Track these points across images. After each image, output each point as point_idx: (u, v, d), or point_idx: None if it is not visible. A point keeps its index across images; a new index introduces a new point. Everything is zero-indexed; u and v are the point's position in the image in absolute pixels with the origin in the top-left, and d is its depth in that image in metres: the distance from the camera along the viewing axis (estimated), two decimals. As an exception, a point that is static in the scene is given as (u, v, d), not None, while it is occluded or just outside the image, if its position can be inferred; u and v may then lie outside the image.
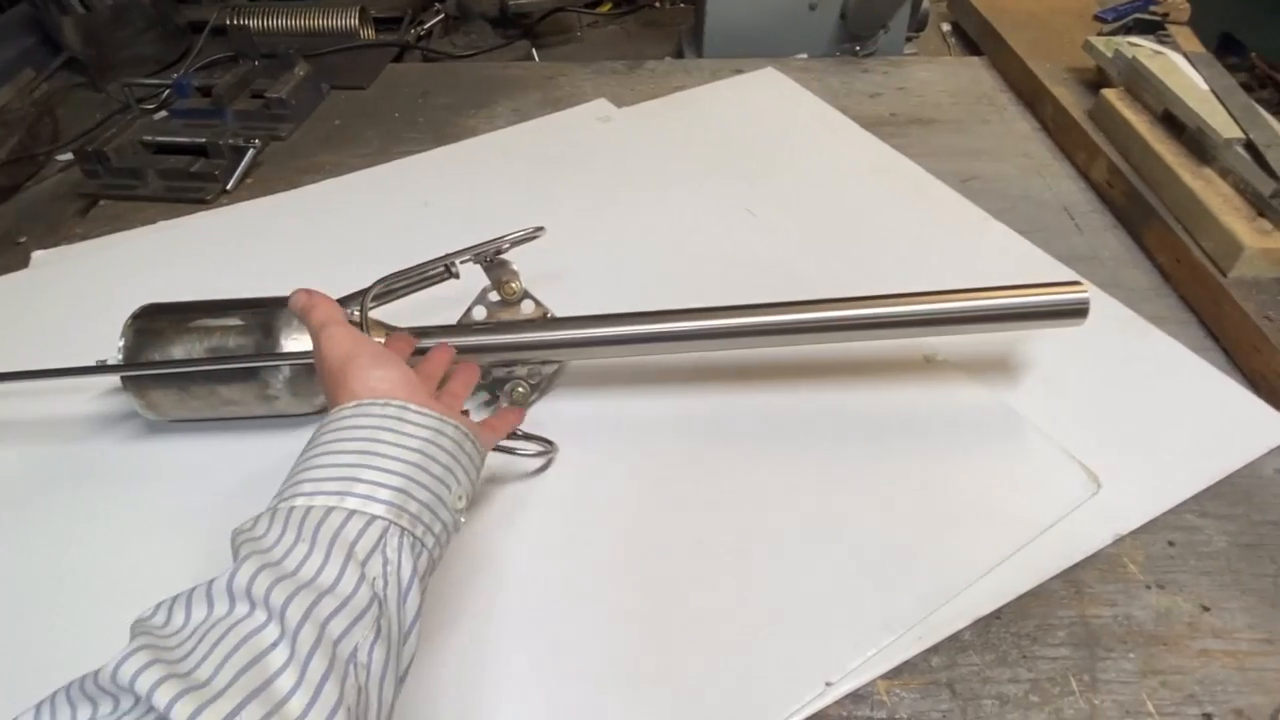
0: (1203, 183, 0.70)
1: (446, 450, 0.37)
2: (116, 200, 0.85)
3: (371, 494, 0.33)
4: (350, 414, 0.37)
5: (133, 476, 0.55)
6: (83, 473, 0.56)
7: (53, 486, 0.55)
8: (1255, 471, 0.55)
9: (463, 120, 0.97)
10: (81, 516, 0.53)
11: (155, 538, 0.51)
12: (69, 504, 0.54)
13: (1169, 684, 0.44)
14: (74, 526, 0.52)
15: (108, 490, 0.54)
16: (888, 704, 0.43)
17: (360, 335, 0.42)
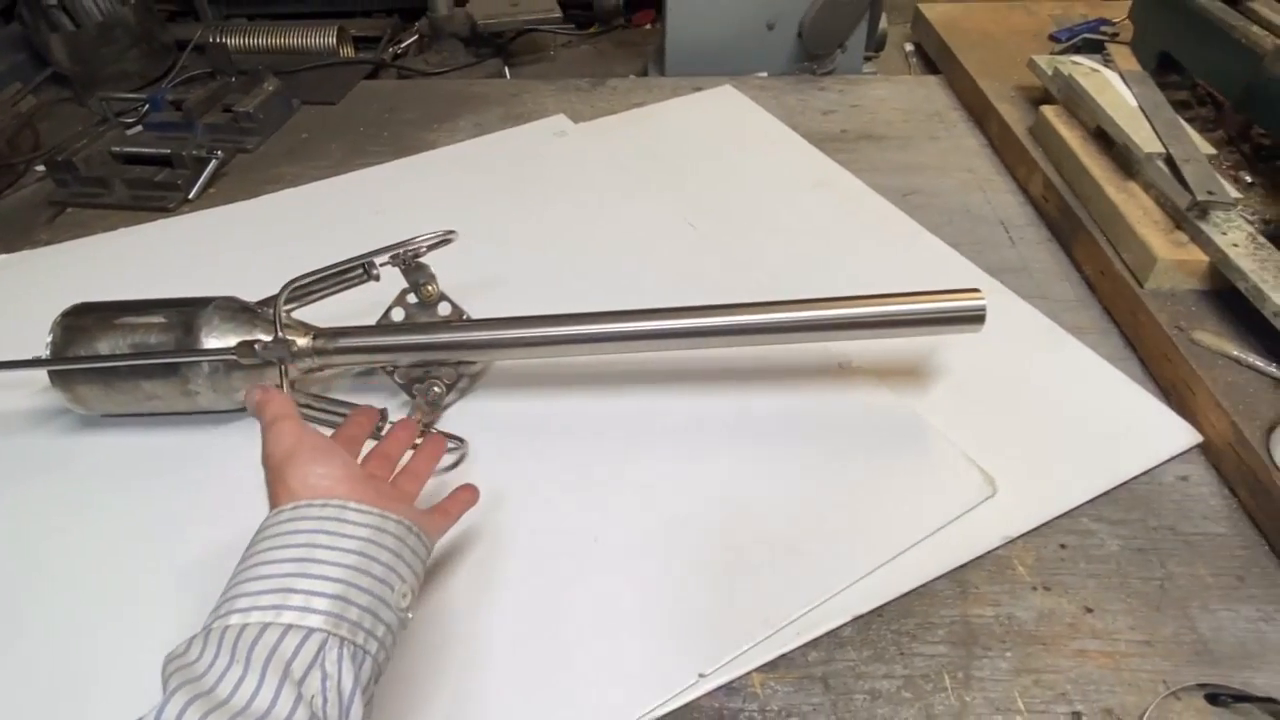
0: (1126, 196, 0.71)
1: (388, 548, 0.36)
2: (83, 208, 0.88)
3: (308, 604, 0.32)
4: (288, 517, 0.36)
5: (64, 469, 0.57)
6: (14, 465, 0.58)
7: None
8: (1155, 478, 0.55)
9: (425, 134, 1.00)
10: (12, 507, 0.55)
11: (85, 529, 0.53)
12: (3, 495, 0.56)
13: (1042, 682, 0.45)
14: (10, 515, 0.54)
15: (39, 482, 0.56)
16: (760, 696, 0.44)
17: (305, 430, 0.40)
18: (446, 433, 0.56)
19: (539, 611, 0.47)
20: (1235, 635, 0.47)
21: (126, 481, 0.56)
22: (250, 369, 0.55)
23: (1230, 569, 0.50)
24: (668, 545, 0.51)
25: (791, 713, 0.44)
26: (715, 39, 1.09)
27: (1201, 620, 0.47)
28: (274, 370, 0.55)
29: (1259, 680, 0.44)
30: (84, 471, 0.57)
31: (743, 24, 1.08)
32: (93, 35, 1.16)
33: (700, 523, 0.52)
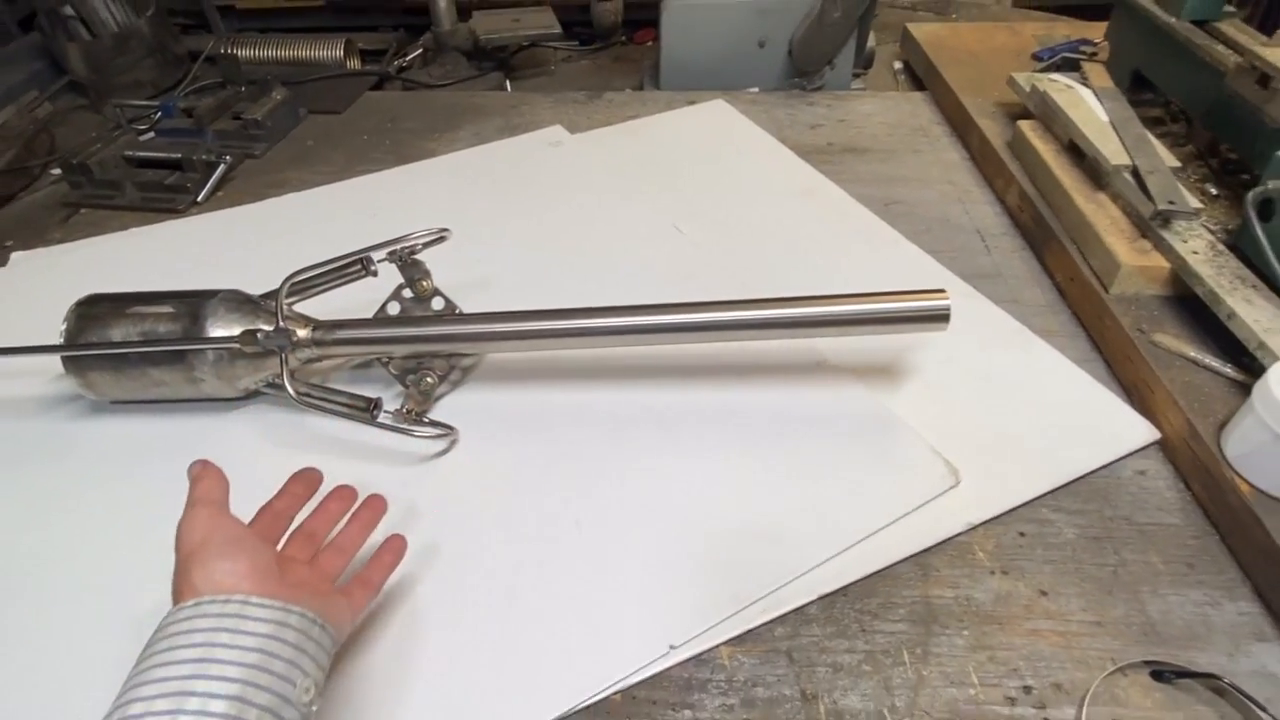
0: (1095, 206, 0.74)
1: (290, 643, 0.35)
2: (96, 209, 0.92)
3: (205, 708, 0.31)
4: (188, 614, 0.35)
5: (72, 453, 0.60)
6: (25, 448, 0.61)
7: (5, 454, 0.60)
8: (1114, 472, 0.58)
9: (425, 143, 1.03)
10: (22, 489, 0.58)
11: (91, 510, 0.56)
12: (15, 477, 0.58)
13: (996, 658, 0.47)
14: (19, 497, 0.57)
15: (49, 465, 0.59)
16: (728, 668, 0.47)
17: (221, 519, 0.40)
18: (437, 421, 0.59)
19: (520, 587, 0.50)
20: (1182, 618, 0.49)
21: (132, 466, 0.59)
22: (252, 357, 0.58)
23: (1181, 557, 0.52)
24: (644, 528, 0.53)
25: (757, 683, 0.46)
26: (708, 55, 1.13)
27: (1151, 604, 0.50)
28: (274, 359, 0.58)
29: (1202, 659, 0.46)
30: (92, 455, 0.60)
31: (735, 41, 1.12)
32: (109, 45, 1.21)
33: (676, 507, 0.54)
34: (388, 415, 0.60)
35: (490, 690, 0.45)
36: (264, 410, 0.63)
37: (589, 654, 0.46)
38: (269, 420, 0.62)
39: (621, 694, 0.45)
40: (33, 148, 1.04)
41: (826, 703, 0.45)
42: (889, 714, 0.45)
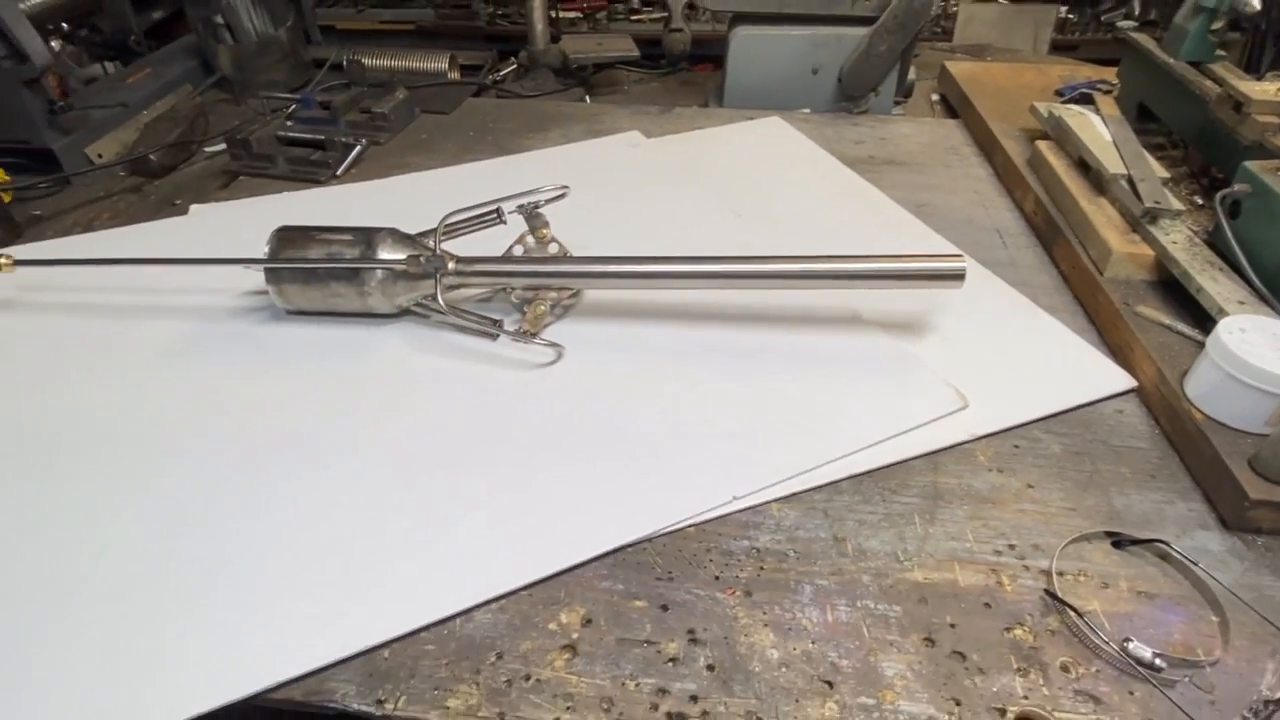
0: (1095, 208, 0.88)
1: None
2: (252, 177, 1.10)
3: None
4: None
5: (263, 347, 0.77)
6: (223, 343, 0.77)
7: (211, 348, 0.77)
8: (1097, 409, 0.71)
9: (521, 140, 1.21)
10: (222, 373, 0.74)
11: (277, 387, 0.72)
12: (219, 362, 0.75)
13: (988, 526, 0.60)
14: (225, 374, 0.73)
15: (242, 356, 0.76)
16: (776, 517, 0.60)
17: None
18: (550, 341, 0.74)
19: (615, 448, 0.64)
20: (1141, 510, 0.61)
21: (307, 360, 0.75)
22: (411, 278, 0.74)
23: (1146, 470, 0.65)
24: (714, 412, 0.68)
25: (799, 528, 0.60)
26: (767, 79, 1.30)
27: (1117, 500, 0.62)
28: (427, 281, 0.74)
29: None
30: (276, 350, 0.76)
31: (791, 68, 1.28)
32: (253, 49, 1.42)
33: (740, 403, 0.69)
34: (507, 334, 0.75)
35: (600, 513, 0.59)
36: (409, 326, 0.79)
37: (670, 495, 0.60)
38: (413, 333, 0.78)
39: (695, 526, 0.59)
40: (194, 128, 1.23)
41: (853, 544, 0.58)
42: (900, 555, 0.58)
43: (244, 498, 0.61)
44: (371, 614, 0.52)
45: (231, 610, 0.53)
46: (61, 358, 0.75)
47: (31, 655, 0.50)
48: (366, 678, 0.50)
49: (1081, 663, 0.51)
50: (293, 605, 0.53)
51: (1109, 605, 0.54)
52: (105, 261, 0.78)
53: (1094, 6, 2.30)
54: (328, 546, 0.57)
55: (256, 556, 0.56)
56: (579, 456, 0.64)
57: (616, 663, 0.51)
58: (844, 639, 0.52)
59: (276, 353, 0.76)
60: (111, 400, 0.70)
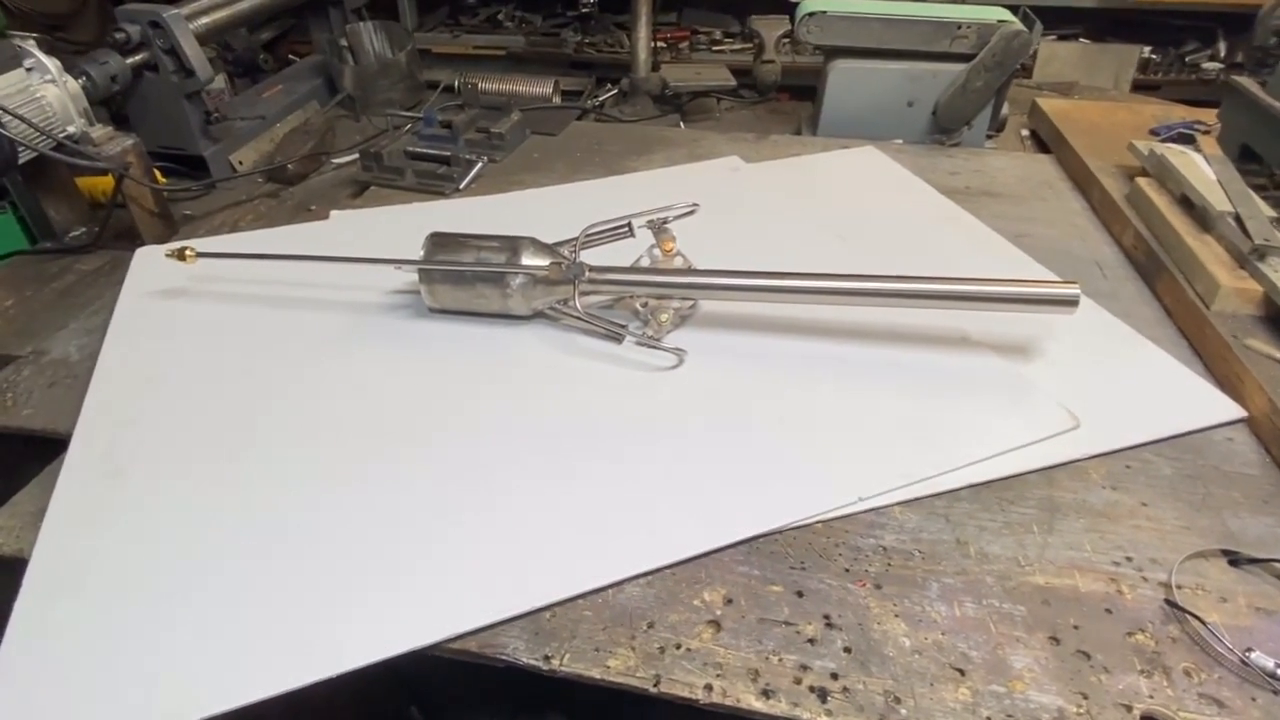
0: (1201, 244, 0.90)
1: None
2: (382, 187, 1.19)
3: None
4: None
5: (407, 341, 0.84)
6: (373, 336, 0.85)
7: (363, 340, 0.84)
8: (1207, 437, 0.73)
9: (627, 162, 1.28)
10: (372, 362, 0.81)
11: (432, 376, 0.79)
12: (374, 351, 0.82)
13: (1105, 539, 0.63)
14: (379, 363, 0.81)
15: (391, 347, 0.83)
16: (899, 520, 0.64)
17: None
18: (674, 347, 0.79)
19: (740, 451, 0.69)
20: (1255, 532, 0.63)
21: (451, 354, 0.82)
22: (549, 283, 0.80)
23: (1259, 495, 0.67)
24: (834, 418, 0.72)
25: (922, 530, 0.63)
26: (862, 110, 1.35)
27: (1231, 522, 0.64)
28: (562, 286, 0.81)
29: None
30: (422, 343, 0.83)
31: (887, 100, 1.33)
32: (373, 70, 1.53)
33: (859, 411, 0.73)
34: (633, 338, 0.81)
35: (735, 503, 0.64)
36: (541, 327, 0.86)
37: (799, 492, 0.65)
38: (545, 334, 0.85)
39: (822, 523, 0.63)
40: (324, 141, 1.34)
41: (975, 547, 0.62)
42: (1021, 560, 0.61)
43: (414, 472, 0.68)
44: (537, 579, 0.58)
45: (416, 567, 0.59)
46: (234, 342, 0.84)
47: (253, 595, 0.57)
48: (534, 635, 0.55)
49: (1203, 669, 0.53)
50: (465, 568, 0.59)
51: (1228, 619, 0.57)
52: (277, 257, 0.86)
53: (1178, 47, 2.30)
54: (491, 516, 0.63)
55: (429, 523, 0.63)
56: (710, 451, 0.69)
57: (759, 639, 0.55)
58: (972, 632, 0.56)
59: (426, 346, 0.83)
60: (285, 383, 0.78)
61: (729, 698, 0.51)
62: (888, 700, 0.51)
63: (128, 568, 0.59)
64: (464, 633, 0.54)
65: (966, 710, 0.51)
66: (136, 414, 0.74)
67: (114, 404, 0.75)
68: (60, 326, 0.92)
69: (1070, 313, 0.75)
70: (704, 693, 0.52)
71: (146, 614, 0.56)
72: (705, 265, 0.94)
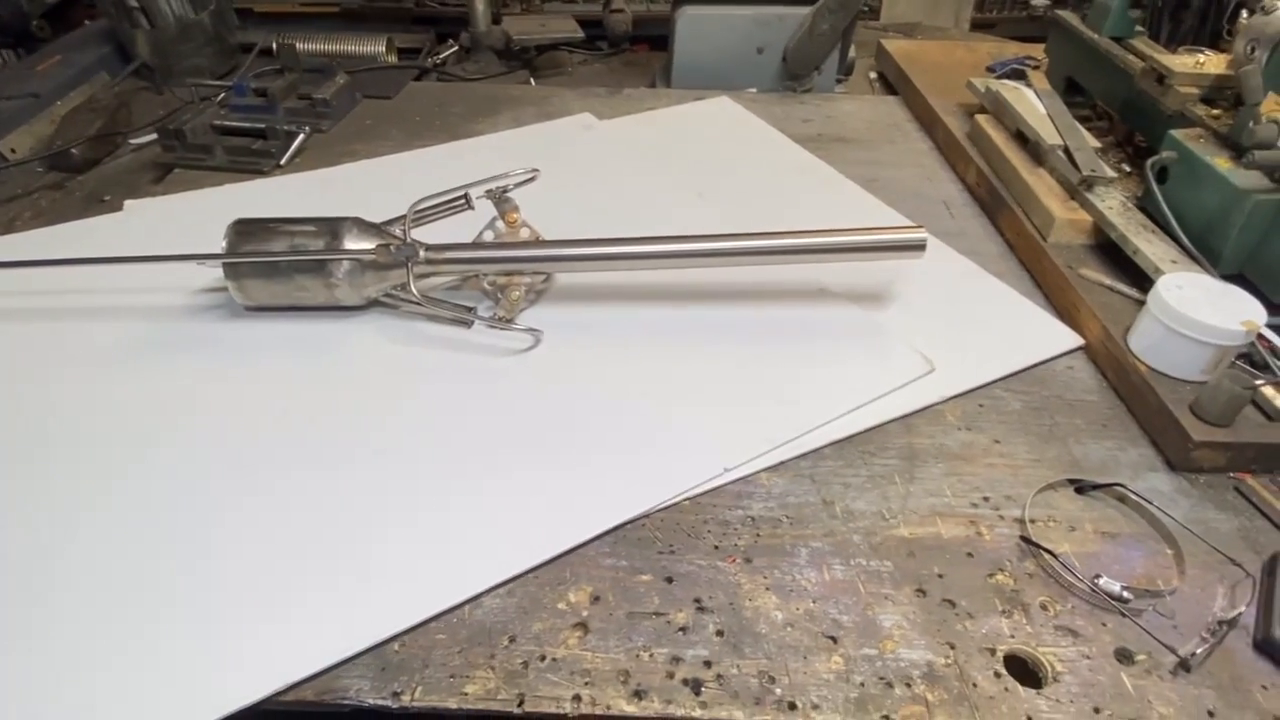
0: (1036, 178, 0.92)
1: None
2: (188, 169, 1.05)
3: None
4: None
5: (221, 347, 0.74)
6: (176, 343, 0.74)
7: (170, 348, 0.73)
8: (1049, 368, 0.75)
9: (471, 125, 1.18)
10: (175, 375, 0.71)
11: (247, 385, 0.69)
12: (174, 364, 0.72)
13: (963, 480, 0.64)
14: (180, 379, 0.70)
15: (196, 356, 0.73)
16: (766, 485, 0.62)
17: None
18: (529, 326, 0.74)
19: (599, 427, 0.65)
20: (1098, 458, 0.66)
21: (272, 358, 0.72)
22: (380, 268, 0.72)
23: (1098, 420, 0.70)
24: (695, 388, 0.69)
25: (789, 495, 0.62)
26: (713, 60, 1.31)
27: (1075, 449, 0.67)
28: (396, 271, 0.73)
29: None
30: (236, 349, 0.73)
31: (737, 49, 1.30)
32: (173, 34, 1.34)
33: (720, 378, 0.70)
34: (483, 321, 0.74)
35: (597, 492, 0.60)
36: (378, 317, 0.77)
37: (663, 470, 0.62)
38: (383, 325, 0.77)
39: (690, 500, 0.61)
40: (116, 119, 1.16)
41: (841, 506, 0.61)
42: (886, 514, 0.61)
43: (229, 499, 0.59)
44: (378, 608, 0.52)
45: (227, 613, 0.51)
46: (12, 365, 0.71)
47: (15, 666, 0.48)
48: (379, 672, 0.49)
49: (1058, 600, 0.55)
50: (293, 605, 0.52)
51: (1077, 546, 0.58)
52: (46, 263, 0.73)
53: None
54: (321, 544, 0.56)
55: (249, 557, 0.55)
56: (568, 438, 0.65)
57: (629, 636, 0.52)
58: (842, 596, 0.55)
59: (241, 351, 0.73)
60: (73, 404, 0.67)
61: (598, 705, 0.48)
62: (762, 681, 0.49)
63: None
64: (296, 681, 0.48)
65: (840, 679, 0.50)
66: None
67: None
68: None
69: (918, 257, 0.75)
70: (572, 704, 0.48)
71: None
72: (559, 233, 0.88)
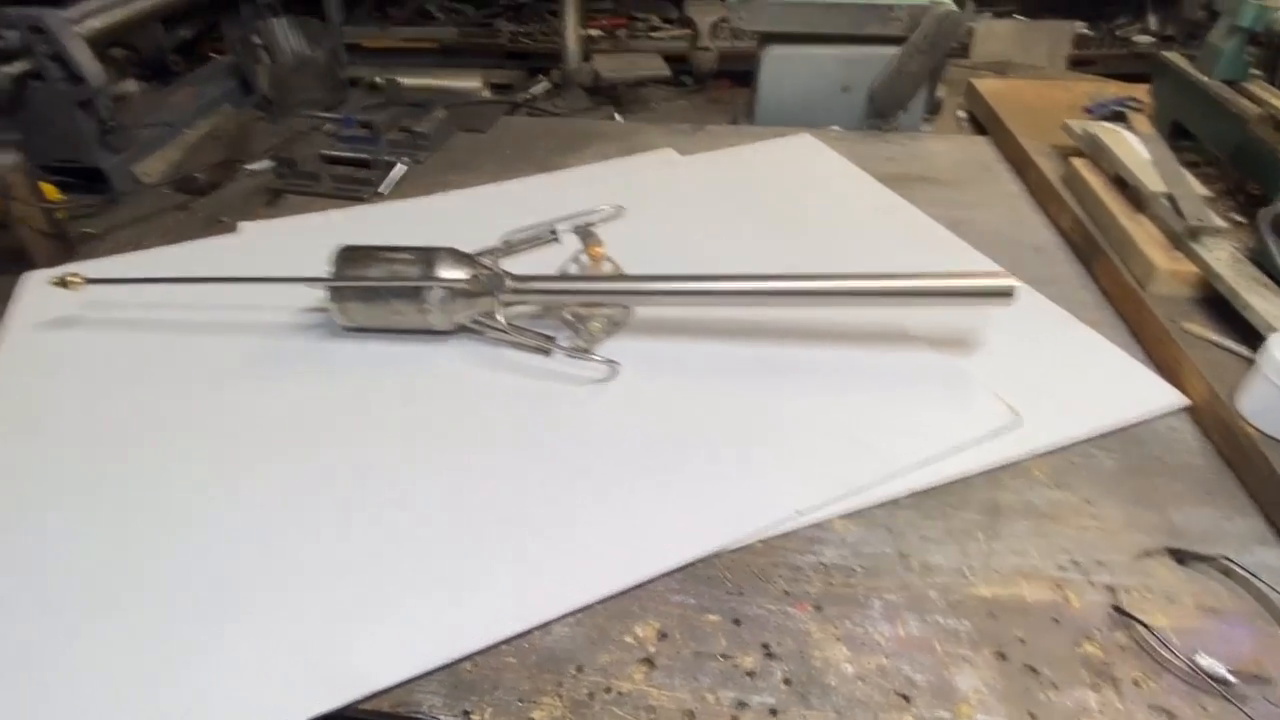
0: (1136, 225, 0.89)
1: None
2: (297, 195, 1.12)
3: None
4: None
5: (322, 364, 0.78)
6: (286, 359, 0.79)
7: (271, 366, 0.78)
8: (1149, 427, 0.72)
9: (559, 159, 1.22)
10: (285, 387, 0.75)
11: (343, 402, 0.73)
12: (284, 376, 0.77)
13: (1050, 541, 0.61)
14: (288, 390, 0.75)
15: (303, 372, 0.77)
16: (840, 532, 0.61)
17: None
18: (607, 358, 0.75)
19: (674, 464, 0.65)
20: (1200, 526, 0.62)
21: (370, 375, 0.76)
22: (469, 296, 0.75)
23: (1202, 485, 0.66)
24: (770, 427, 0.69)
25: (863, 544, 0.61)
26: (798, 97, 1.32)
27: (1175, 515, 0.63)
28: (484, 299, 0.76)
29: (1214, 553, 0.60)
30: (338, 365, 0.78)
31: (822, 86, 1.30)
32: (291, 69, 1.45)
33: (795, 419, 0.70)
34: (562, 350, 0.76)
35: (667, 528, 0.60)
36: (463, 342, 0.81)
37: (735, 510, 0.61)
38: (468, 349, 0.80)
39: (761, 542, 0.60)
40: (237, 147, 1.26)
41: (918, 559, 0.59)
42: (966, 570, 0.59)
43: (325, 507, 0.63)
44: (453, 627, 0.53)
45: (317, 623, 0.54)
46: (132, 373, 0.77)
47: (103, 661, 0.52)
48: (452, 689, 0.51)
49: (1152, 677, 0.52)
50: (376, 619, 0.54)
51: (1176, 621, 0.55)
52: (173, 280, 0.79)
53: (1109, 22, 2.33)
54: (402, 560, 0.58)
55: (336, 570, 0.57)
56: (640, 471, 0.65)
57: (695, 675, 0.52)
58: (916, 653, 0.53)
59: (339, 369, 0.77)
60: (187, 414, 0.72)
61: (663, 745, 0.48)
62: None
63: (7, 628, 0.53)
64: (377, 691, 0.50)
65: (912, 741, 0.48)
66: (17, 463, 0.67)
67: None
68: (-64, 365, 0.84)
69: (1006, 305, 0.73)
70: (636, 741, 0.48)
71: (30, 680, 0.50)
72: (639, 266, 0.90)
